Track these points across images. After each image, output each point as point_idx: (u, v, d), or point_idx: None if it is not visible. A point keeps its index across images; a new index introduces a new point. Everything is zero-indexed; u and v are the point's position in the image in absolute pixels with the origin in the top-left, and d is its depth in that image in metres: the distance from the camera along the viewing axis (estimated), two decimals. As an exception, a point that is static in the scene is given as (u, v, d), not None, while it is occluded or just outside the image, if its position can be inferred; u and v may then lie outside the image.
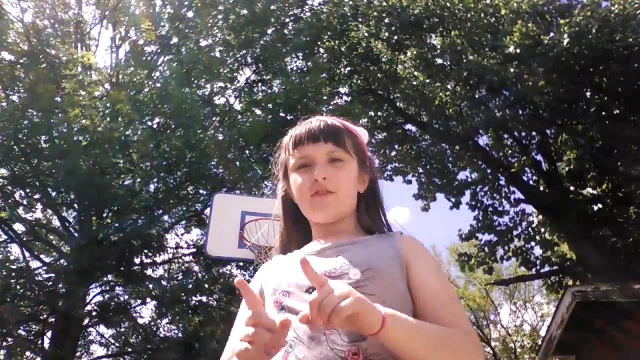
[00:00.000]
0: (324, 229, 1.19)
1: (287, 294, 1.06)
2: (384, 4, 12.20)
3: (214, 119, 11.11)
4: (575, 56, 9.48)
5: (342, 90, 13.78)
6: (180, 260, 12.46)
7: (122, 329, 12.31)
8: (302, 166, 1.18)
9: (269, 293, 1.12)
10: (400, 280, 1.06)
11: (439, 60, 12.31)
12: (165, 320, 11.97)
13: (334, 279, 1.00)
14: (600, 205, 11.57)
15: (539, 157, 12.54)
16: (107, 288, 11.75)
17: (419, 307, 1.04)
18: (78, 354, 11.71)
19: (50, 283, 10.36)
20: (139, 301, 11.88)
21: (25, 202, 10.98)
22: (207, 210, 9.37)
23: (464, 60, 10.98)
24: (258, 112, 11.07)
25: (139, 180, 10.28)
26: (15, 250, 11.20)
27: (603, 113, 10.40)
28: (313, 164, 1.16)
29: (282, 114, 10.61)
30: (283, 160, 1.25)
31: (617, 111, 10.25)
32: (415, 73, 12.97)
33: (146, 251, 11.37)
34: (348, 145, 1.19)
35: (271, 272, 1.18)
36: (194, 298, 11.43)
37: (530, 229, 12.76)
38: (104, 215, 10.95)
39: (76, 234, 10.66)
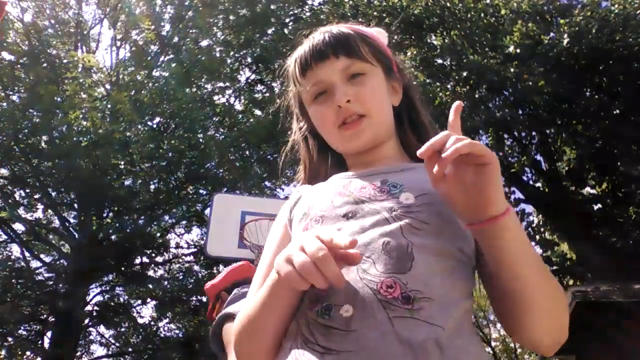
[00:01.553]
0: (362, 158, 0.99)
1: (320, 219, 0.88)
2: (384, 4, 12.20)
3: (214, 119, 11.12)
4: (575, 56, 9.49)
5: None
6: (180, 260, 12.47)
7: (122, 329, 12.31)
8: (318, 94, 0.98)
9: (297, 219, 0.94)
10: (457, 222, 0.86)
11: (439, 60, 12.32)
12: (165, 320, 11.98)
13: (380, 202, 0.86)
14: (600, 205, 11.57)
15: (538, 157, 12.55)
16: (107, 288, 11.76)
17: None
18: (78, 354, 11.73)
19: (51, 283, 10.37)
20: (139, 301, 11.89)
21: (25, 202, 10.99)
22: (207, 210, 9.38)
23: (464, 60, 10.98)
24: (258, 112, 11.08)
25: (139, 180, 10.29)
26: (15, 250, 11.22)
27: (603, 113, 10.41)
28: (331, 88, 0.95)
29: (282, 114, 10.60)
30: (295, 94, 1.05)
31: (617, 111, 10.25)
32: (416, 73, 12.97)
33: (146, 251, 11.38)
34: (365, 53, 0.97)
35: (300, 199, 0.99)
36: (194, 298, 11.43)
37: (530, 229, 12.76)
38: (104, 215, 10.96)
39: (76, 234, 10.66)
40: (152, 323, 12.23)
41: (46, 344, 10.79)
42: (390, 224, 0.82)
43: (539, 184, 12.65)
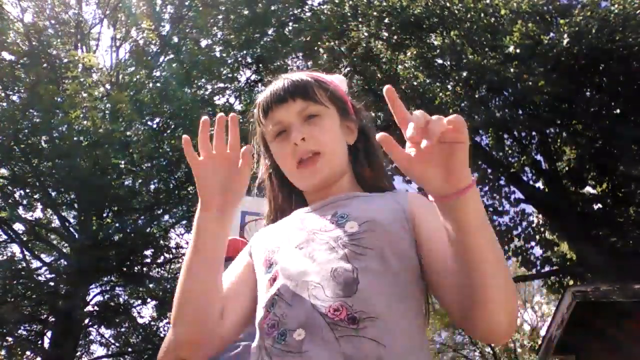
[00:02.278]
0: (320, 194, 1.07)
1: (277, 249, 0.99)
2: (384, 4, 12.20)
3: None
4: (575, 56, 9.49)
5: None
6: (180, 260, 12.47)
7: (122, 329, 12.32)
8: (278, 134, 1.07)
9: (258, 256, 1.04)
10: (406, 238, 0.95)
11: (439, 60, 12.32)
12: (165, 321, 11.97)
13: (329, 232, 0.95)
14: (600, 205, 11.57)
15: (538, 157, 12.55)
16: (108, 288, 11.76)
17: (438, 260, 0.90)
18: (78, 354, 11.73)
19: (52, 283, 10.37)
20: (139, 301, 11.89)
21: (25, 202, 10.99)
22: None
23: (464, 60, 10.98)
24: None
25: (139, 180, 10.29)
26: (15, 250, 11.22)
27: (603, 113, 10.41)
28: (289, 128, 1.05)
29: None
30: (259, 133, 1.13)
31: (617, 111, 10.25)
32: (416, 73, 12.97)
33: (147, 251, 11.38)
34: (320, 97, 1.07)
35: (261, 237, 1.10)
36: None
37: (530, 229, 12.76)
38: (104, 215, 10.96)
39: (76, 234, 10.67)
40: (152, 323, 12.24)
41: (46, 344, 10.79)
42: (337, 252, 0.91)
43: (539, 184, 12.65)
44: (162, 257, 12.11)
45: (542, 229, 12.59)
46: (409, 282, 0.92)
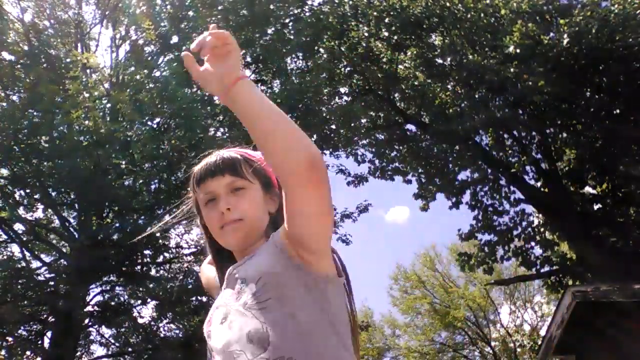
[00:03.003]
0: (240, 255, 1.24)
1: (209, 329, 1.18)
2: (384, 4, 12.21)
3: (215, 119, 11.12)
4: (575, 56, 9.50)
5: (342, 90, 13.79)
6: (180, 260, 12.47)
7: (122, 329, 12.31)
8: (208, 201, 1.25)
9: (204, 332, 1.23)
10: (290, 265, 1.10)
11: (439, 60, 12.32)
12: (165, 321, 11.98)
13: (237, 301, 1.11)
14: (600, 205, 11.58)
15: (539, 157, 12.56)
16: (108, 288, 11.76)
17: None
18: (78, 354, 11.72)
19: (52, 283, 10.37)
20: (139, 301, 11.89)
21: (25, 202, 10.99)
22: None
23: (464, 60, 10.99)
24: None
25: (140, 180, 10.29)
26: (15, 250, 11.22)
27: (603, 113, 10.41)
28: (217, 197, 1.23)
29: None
30: (193, 198, 1.32)
31: (617, 111, 10.26)
32: (416, 73, 12.98)
33: (147, 252, 11.38)
34: (246, 173, 1.25)
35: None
36: (194, 298, 11.43)
37: (530, 229, 12.77)
38: (105, 215, 10.96)
39: (76, 234, 10.67)
40: (152, 323, 12.23)
41: (46, 344, 10.79)
42: (247, 315, 1.07)
43: (539, 184, 12.66)
44: (162, 257, 12.10)
45: (542, 229, 12.59)
46: (308, 306, 1.07)
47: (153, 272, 12.19)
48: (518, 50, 9.81)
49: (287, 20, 12.30)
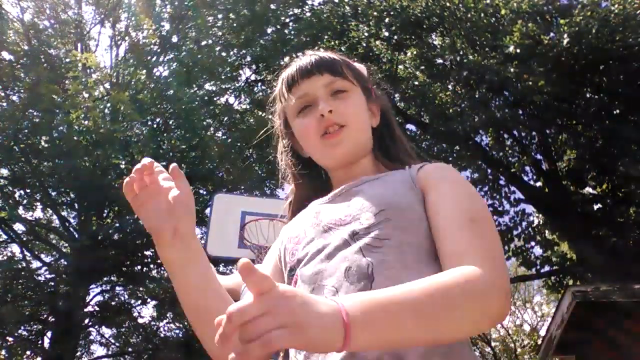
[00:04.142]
0: (343, 174, 1.06)
1: (295, 250, 0.98)
2: (384, 4, 12.20)
3: (215, 119, 11.12)
4: (575, 56, 9.49)
5: (342, 90, 13.79)
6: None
7: (122, 329, 12.31)
8: (302, 108, 1.04)
9: (283, 252, 1.03)
10: (423, 214, 0.92)
11: (439, 60, 12.32)
12: (165, 321, 11.98)
13: (344, 226, 0.92)
14: (600, 205, 11.57)
15: (539, 157, 12.55)
16: (108, 288, 11.76)
17: (434, 234, 0.88)
18: (78, 353, 11.73)
19: (52, 283, 10.37)
20: (139, 301, 11.89)
21: (25, 202, 10.99)
22: (208, 210, 9.37)
23: (464, 60, 10.98)
24: (259, 112, 11.09)
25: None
26: (15, 250, 11.22)
27: (603, 113, 10.41)
28: (315, 102, 1.02)
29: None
30: (280, 109, 1.11)
31: (617, 111, 10.26)
32: (416, 73, 12.98)
33: (147, 252, 11.38)
34: (348, 73, 1.05)
35: (287, 231, 1.07)
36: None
37: (530, 229, 12.77)
38: (105, 215, 10.96)
39: (76, 234, 10.67)
40: (152, 323, 12.24)
41: (46, 344, 10.79)
42: (352, 247, 0.88)
43: (539, 184, 12.65)
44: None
45: (542, 229, 12.59)
46: (432, 266, 0.86)
47: (153, 272, 12.19)
48: (518, 50, 9.81)
49: (287, 20, 12.31)
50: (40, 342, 11.05)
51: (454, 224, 0.85)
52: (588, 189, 11.84)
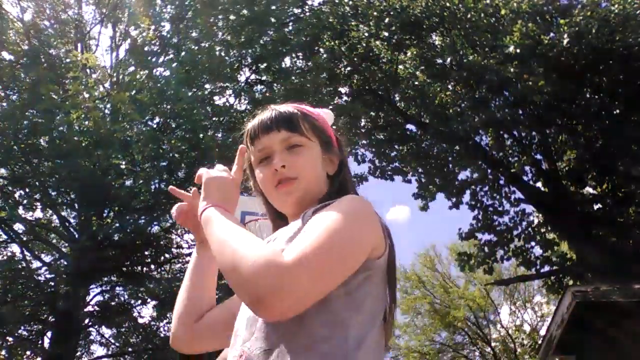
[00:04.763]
0: (293, 219, 1.13)
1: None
2: (384, 4, 12.20)
3: (215, 119, 11.13)
4: (575, 56, 9.50)
5: (342, 90, 13.80)
6: (181, 260, 12.47)
7: (122, 329, 12.32)
8: (262, 159, 1.15)
9: None
10: None
11: (439, 60, 12.32)
12: (165, 321, 11.98)
13: None
14: (600, 205, 11.58)
15: (539, 157, 12.56)
16: (108, 288, 11.77)
17: None
18: (78, 353, 11.73)
19: (52, 283, 10.38)
20: (139, 301, 11.90)
21: (25, 202, 10.99)
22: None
23: (464, 60, 10.99)
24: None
25: (140, 180, 10.29)
26: (15, 250, 11.22)
27: (603, 113, 10.41)
28: (272, 155, 1.13)
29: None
30: (247, 158, 1.22)
31: (617, 111, 10.26)
32: (416, 73, 12.98)
33: (147, 252, 11.38)
34: (305, 129, 1.14)
35: None
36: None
37: (530, 229, 12.77)
38: (105, 215, 10.96)
39: (76, 234, 10.67)
40: (152, 323, 12.24)
41: (46, 344, 10.80)
42: None
43: (539, 184, 12.66)
44: (162, 257, 12.10)
45: (542, 229, 12.59)
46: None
47: (153, 272, 12.20)
48: (518, 50, 9.81)
49: (287, 20, 12.30)
50: (40, 342, 11.06)
51: (301, 234, 0.93)
52: (588, 189, 11.84)
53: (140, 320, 12.38)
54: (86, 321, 11.34)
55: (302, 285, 0.82)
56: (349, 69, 13.54)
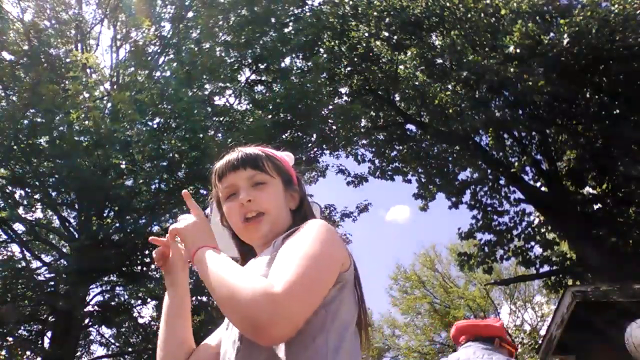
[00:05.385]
0: (261, 250, 1.24)
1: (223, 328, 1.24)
2: (384, 4, 12.21)
3: (215, 119, 11.12)
4: (575, 56, 9.50)
5: (342, 90, 13.80)
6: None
7: (123, 329, 12.31)
8: (229, 195, 1.25)
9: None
10: None
11: (439, 60, 12.32)
12: (165, 320, 11.96)
13: None
14: (600, 205, 11.58)
15: (539, 157, 12.56)
16: (108, 288, 11.76)
17: None
18: (78, 354, 11.73)
19: (52, 283, 10.37)
20: (139, 301, 11.89)
21: (25, 202, 10.98)
22: (207, 210, 9.37)
23: (464, 60, 10.99)
24: (258, 112, 11.09)
25: (140, 180, 10.28)
26: (15, 250, 11.22)
27: (603, 113, 10.42)
28: (238, 191, 1.24)
29: (282, 114, 10.61)
30: (215, 195, 1.33)
31: (617, 111, 10.26)
32: (416, 73, 12.98)
33: (147, 252, 11.37)
34: (268, 168, 1.26)
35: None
36: (194, 298, 11.43)
37: (530, 229, 12.77)
38: (105, 215, 10.96)
39: (76, 234, 10.66)
40: (152, 323, 12.22)
41: (46, 344, 10.79)
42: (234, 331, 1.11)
43: (539, 184, 12.66)
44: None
45: (542, 229, 12.60)
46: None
47: (153, 272, 12.19)
48: (518, 50, 9.82)
49: (287, 20, 12.30)
50: (40, 342, 11.04)
51: (278, 260, 1.03)
52: (588, 189, 11.84)
53: (140, 320, 12.37)
54: (86, 321, 11.34)
55: (295, 311, 0.92)
56: (349, 69, 13.55)
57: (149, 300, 11.71)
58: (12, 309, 9.53)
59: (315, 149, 12.24)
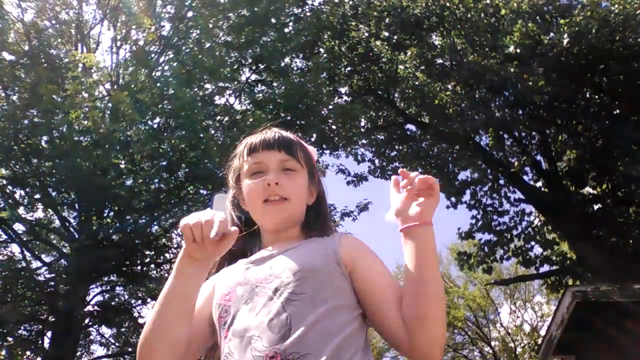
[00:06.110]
0: (273, 237, 1.23)
1: (228, 307, 1.13)
2: (384, 4, 12.21)
3: (215, 119, 11.12)
4: (575, 56, 9.50)
5: (342, 90, 13.80)
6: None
7: (123, 329, 12.31)
8: (255, 173, 1.22)
9: (216, 302, 1.17)
10: (338, 276, 1.10)
11: (439, 60, 12.32)
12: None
13: (269, 284, 1.09)
14: (600, 205, 11.58)
15: (539, 157, 12.56)
16: (108, 288, 11.75)
17: (377, 302, 1.10)
18: (78, 354, 11.72)
19: (52, 283, 10.37)
20: (140, 301, 11.89)
21: (25, 202, 10.98)
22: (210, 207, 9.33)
23: (464, 60, 10.99)
24: (258, 112, 11.09)
25: (140, 180, 10.28)
26: (15, 250, 11.22)
27: (603, 113, 10.42)
28: (266, 171, 1.21)
29: (282, 114, 10.60)
30: (236, 166, 1.29)
31: (617, 111, 10.26)
32: (416, 73, 12.98)
33: (147, 252, 11.37)
34: (300, 156, 1.24)
35: (221, 280, 1.22)
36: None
37: (530, 229, 12.77)
38: (105, 215, 10.95)
39: (76, 234, 10.66)
40: (152, 323, 12.19)
41: (46, 344, 10.78)
42: (274, 301, 1.05)
43: (539, 184, 12.66)
44: (162, 257, 12.09)
45: (542, 229, 12.60)
46: (344, 315, 1.06)
47: (153, 272, 12.19)
48: (518, 50, 9.81)
49: (287, 20, 12.30)
50: (40, 342, 11.04)
51: (389, 289, 1.10)
52: (588, 189, 11.84)
53: (140, 320, 12.35)
54: (86, 321, 11.33)
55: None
56: (349, 69, 13.54)
57: (149, 300, 11.71)
58: (12, 309, 9.53)
59: (316, 149, 12.24)
